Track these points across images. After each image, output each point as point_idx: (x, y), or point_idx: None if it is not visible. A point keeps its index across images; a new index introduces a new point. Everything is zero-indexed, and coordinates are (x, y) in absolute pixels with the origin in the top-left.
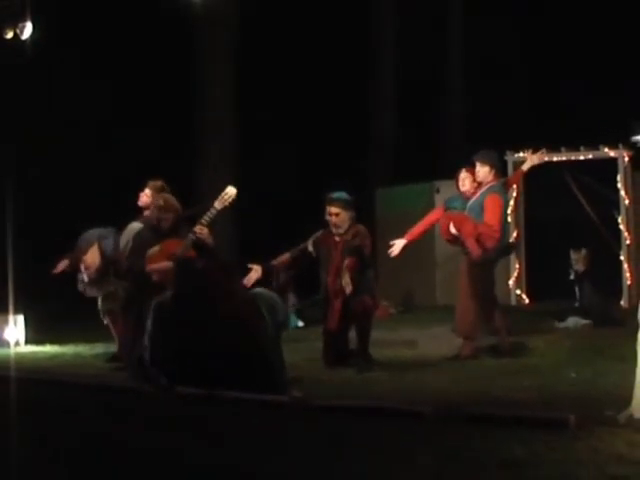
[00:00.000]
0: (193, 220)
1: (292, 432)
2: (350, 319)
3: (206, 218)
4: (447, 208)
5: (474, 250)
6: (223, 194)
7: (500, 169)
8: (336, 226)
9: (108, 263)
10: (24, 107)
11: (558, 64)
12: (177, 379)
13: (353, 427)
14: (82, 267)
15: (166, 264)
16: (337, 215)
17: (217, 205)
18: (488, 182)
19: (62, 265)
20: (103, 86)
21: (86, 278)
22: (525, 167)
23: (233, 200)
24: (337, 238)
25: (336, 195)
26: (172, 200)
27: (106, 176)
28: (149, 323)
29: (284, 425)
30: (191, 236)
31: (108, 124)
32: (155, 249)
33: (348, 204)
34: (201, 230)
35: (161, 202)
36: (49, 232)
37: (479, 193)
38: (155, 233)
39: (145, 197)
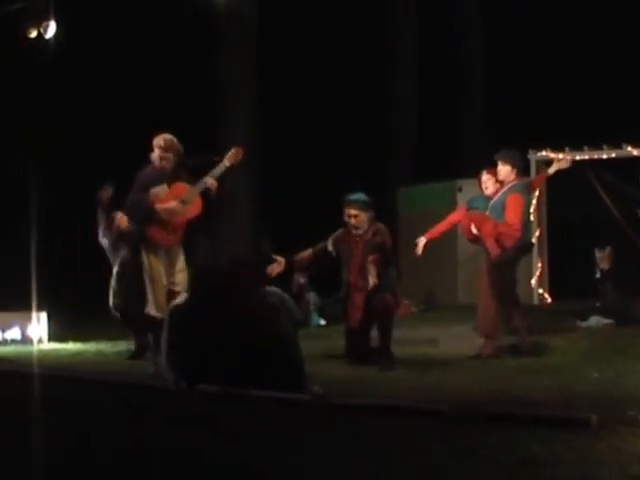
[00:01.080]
0: (195, 170)
1: (310, 430)
2: (372, 317)
3: (216, 172)
4: (469, 208)
5: (493, 250)
6: (232, 151)
7: (522, 168)
8: (355, 227)
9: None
10: (45, 105)
11: (582, 62)
12: (198, 380)
13: (371, 425)
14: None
15: (175, 204)
16: (356, 217)
17: (227, 162)
18: (510, 181)
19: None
20: (122, 86)
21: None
22: (551, 170)
23: (240, 160)
24: (357, 237)
25: (354, 197)
26: (173, 141)
27: (125, 176)
28: (165, 328)
29: (302, 423)
30: (201, 184)
31: (126, 124)
32: (163, 189)
33: (367, 205)
34: (213, 183)
35: (161, 142)
36: (69, 230)
37: (501, 192)
38: (158, 174)
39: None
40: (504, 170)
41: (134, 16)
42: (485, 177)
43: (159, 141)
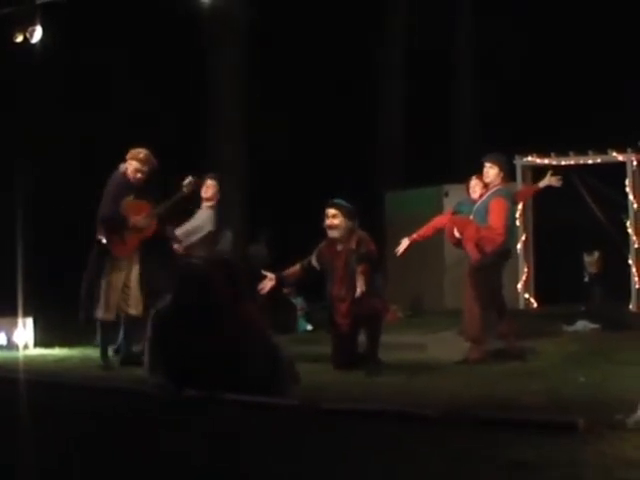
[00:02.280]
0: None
1: (297, 435)
2: (360, 323)
3: (174, 198)
4: (455, 212)
5: (473, 254)
6: (189, 180)
7: (509, 173)
8: (331, 228)
9: None
10: (36, 108)
11: (568, 67)
12: (185, 383)
13: (358, 430)
14: None
15: (143, 219)
16: (334, 217)
17: (185, 189)
18: (495, 185)
19: None
20: (110, 88)
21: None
22: (541, 185)
23: (194, 190)
24: (339, 247)
25: (337, 200)
26: (150, 156)
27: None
28: (149, 331)
29: (290, 428)
30: (161, 208)
31: (115, 127)
32: (130, 199)
33: (347, 211)
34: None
35: (140, 156)
36: (58, 234)
37: (485, 196)
38: (128, 184)
39: (212, 188)
40: (492, 172)
41: (127, 17)
42: (474, 182)
43: (137, 154)
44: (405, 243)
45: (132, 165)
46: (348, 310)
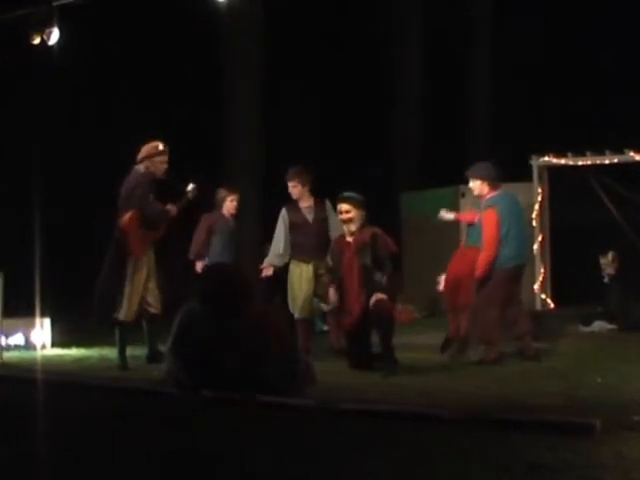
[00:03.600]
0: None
1: (313, 435)
2: (371, 322)
3: (179, 204)
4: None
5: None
6: (193, 186)
7: (493, 179)
8: (347, 222)
9: None
10: (49, 111)
11: (585, 67)
12: (204, 381)
13: (374, 431)
14: None
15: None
16: (348, 212)
17: (189, 195)
18: (485, 195)
19: None
20: (125, 90)
21: None
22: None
23: (196, 196)
24: (349, 239)
25: (347, 194)
26: (165, 145)
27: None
28: (175, 328)
29: (305, 428)
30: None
31: (131, 127)
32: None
33: (359, 203)
34: (174, 210)
35: (160, 147)
36: (74, 235)
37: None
38: (151, 181)
39: (297, 188)
40: (475, 186)
41: (140, 16)
42: None
43: (156, 147)
44: (451, 215)
45: (155, 159)
46: (354, 302)
